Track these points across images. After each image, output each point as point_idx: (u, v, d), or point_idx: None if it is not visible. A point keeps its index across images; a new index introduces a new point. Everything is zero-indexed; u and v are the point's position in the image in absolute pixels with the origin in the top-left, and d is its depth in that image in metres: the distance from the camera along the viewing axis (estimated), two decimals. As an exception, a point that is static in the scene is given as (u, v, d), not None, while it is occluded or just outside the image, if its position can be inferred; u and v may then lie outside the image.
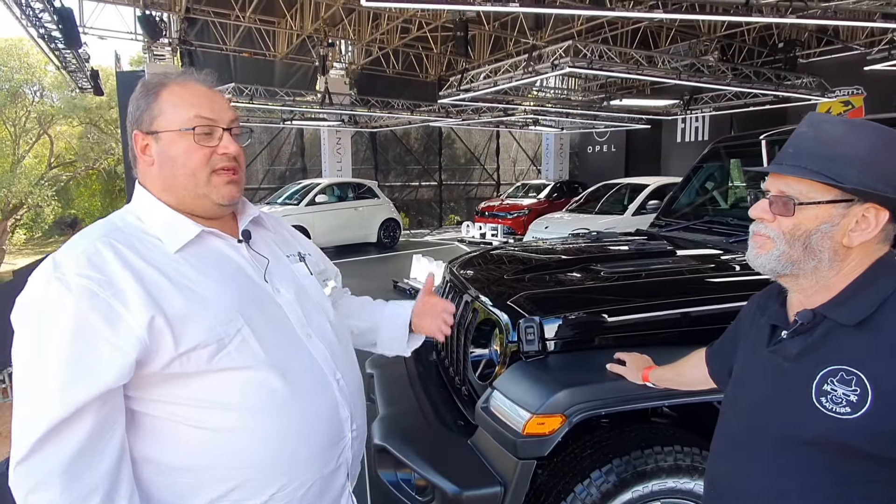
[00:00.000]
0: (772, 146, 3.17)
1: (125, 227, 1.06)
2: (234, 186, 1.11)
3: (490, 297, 2.23)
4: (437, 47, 14.49)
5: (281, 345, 1.08)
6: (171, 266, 1.03)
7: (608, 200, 10.46)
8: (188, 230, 1.07)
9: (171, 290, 0.99)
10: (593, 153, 19.43)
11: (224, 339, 1.01)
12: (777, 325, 1.05)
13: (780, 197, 0.97)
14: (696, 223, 3.12)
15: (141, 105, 1.09)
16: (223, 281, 1.06)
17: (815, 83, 10.62)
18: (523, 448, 1.70)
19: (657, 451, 1.74)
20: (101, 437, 0.94)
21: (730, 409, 1.12)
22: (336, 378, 1.16)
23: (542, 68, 8.23)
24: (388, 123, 16.15)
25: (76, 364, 0.91)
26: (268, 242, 1.23)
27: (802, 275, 0.98)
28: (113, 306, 0.94)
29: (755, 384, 1.05)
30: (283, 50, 13.35)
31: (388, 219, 13.10)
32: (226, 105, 1.11)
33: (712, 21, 11.35)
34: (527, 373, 1.85)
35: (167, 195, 1.09)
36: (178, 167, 1.07)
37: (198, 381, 1.00)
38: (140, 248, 1.02)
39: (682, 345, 1.77)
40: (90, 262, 0.96)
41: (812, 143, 0.96)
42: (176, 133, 1.06)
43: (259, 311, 1.08)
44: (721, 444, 1.12)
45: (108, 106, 24.23)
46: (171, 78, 1.10)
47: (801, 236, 0.95)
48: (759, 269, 1.02)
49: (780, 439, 0.99)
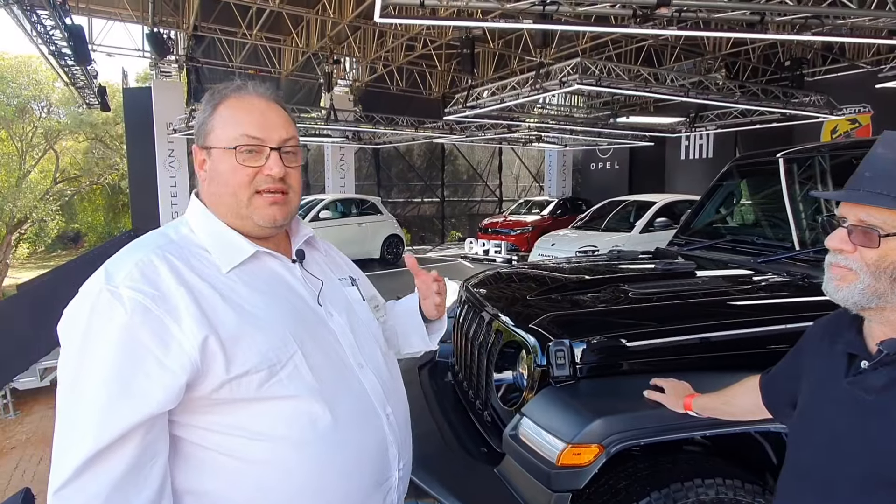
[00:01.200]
0: (789, 164, 3.12)
1: (180, 240, 1.01)
2: (278, 208, 1.05)
3: (514, 318, 2.15)
4: (441, 65, 14.58)
5: (332, 374, 1.01)
6: (224, 284, 0.97)
7: (615, 217, 10.39)
8: (243, 249, 1.02)
9: (225, 310, 0.93)
10: (596, 170, 19.43)
11: (276, 364, 0.95)
12: (855, 353, 0.97)
13: (860, 227, 0.89)
14: (720, 242, 3.04)
15: (199, 119, 1.05)
16: (276, 302, 1.01)
17: (823, 101, 10.60)
18: (558, 480, 1.61)
19: (698, 484, 1.64)
20: (145, 464, 0.87)
21: (801, 446, 1.04)
22: (386, 412, 1.08)
23: (550, 85, 8.22)
24: (392, 140, 16.19)
25: (123, 384, 0.85)
26: (320, 264, 1.17)
27: (890, 307, 0.91)
28: (166, 324, 0.88)
29: (832, 419, 0.97)
30: (289, 67, 13.43)
31: (391, 235, 13.06)
32: (280, 122, 1.05)
33: (717, 39, 11.40)
34: (558, 399, 1.76)
35: (220, 211, 1.05)
36: (222, 185, 1.03)
37: (245, 409, 0.94)
38: (194, 264, 0.97)
39: (724, 370, 1.70)
40: (144, 276, 0.91)
41: (892, 166, 0.89)
42: (223, 150, 1.02)
43: (312, 336, 1.02)
44: (793, 485, 1.03)
45: (114, 122, 24.38)
46: (231, 91, 1.05)
47: (887, 268, 0.88)
48: (840, 303, 0.95)
49: (863, 479, 0.91)
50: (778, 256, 2.52)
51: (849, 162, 2.98)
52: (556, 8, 5.19)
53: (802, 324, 1.86)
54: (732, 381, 1.48)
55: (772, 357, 1.35)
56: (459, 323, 2.72)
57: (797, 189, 3.01)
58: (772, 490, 1.71)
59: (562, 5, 5.20)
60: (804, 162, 3.09)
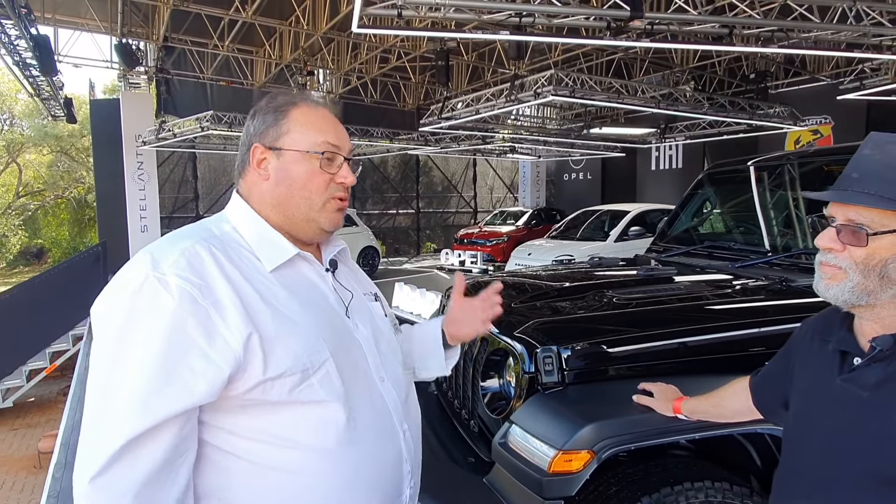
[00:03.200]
0: (760, 172, 3.21)
1: (222, 235, 1.00)
2: (342, 214, 1.10)
3: (500, 325, 2.14)
4: (415, 77, 14.62)
5: (358, 385, 1.01)
6: (264, 284, 0.96)
7: (589, 227, 10.53)
8: (285, 250, 1.02)
9: (265, 309, 0.92)
10: (570, 180, 19.66)
11: (309, 369, 0.94)
12: (847, 351, 0.99)
13: (848, 225, 0.91)
14: (697, 248, 3.10)
15: (268, 120, 1.05)
16: (311, 308, 1.00)
17: (787, 112, 10.93)
18: (549, 487, 1.60)
19: (687, 488, 1.65)
20: (177, 459, 0.86)
21: (797, 445, 1.05)
22: (403, 428, 1.08)
23: (525, 96, 8.31)
24: (367, 151, 16.16)
25: (166, 371, 0.83)
26: (348, 277, 1.17)
27: (881, 305, 0.92)
28: (211, 316, 0.87)
29: (828, 417, 0.98)
30: (262, 79, 13.32)
31: (367, 247, 13.02)
32: (347, 135, 1.09)
33: (685, 53, 11.68)
34: (548, 406, 1.76)
35: (275, 212, 1.05)
36: (297, 188, 1.03)
37: (274, 413, 0.92)
38: (236, 261, 0.96)
39: (711, 373, 1.71)
40: (191, 265, 0.89)
41: (879, 166, 0.91)
42: (301, 154, 1.03)
43: (341, 345, 1.02)
44: (791, 484, 1.04)
45: (81, 134, 23.82)
46: (303, 99, 1.08)
47: (876, 266, 0.90)
48: (830, 301, 0.96)
49: (863, 477, 0.91)
50: (755, 261, 2.57)
51: (816, 169, 3.08)
52: (531, 20, 5.27)
53: (783, 326, 1.90)
54: (720, 383, 1.50)
55: (756, 359, 1.38)
56: (443, 332, 2.70)
57: (768, 195, 3.09)
58: (758, 492, 1.73)
59: (537, 17, 5.28)
60: (774, 169, 3.17)
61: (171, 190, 15.37)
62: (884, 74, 9.05)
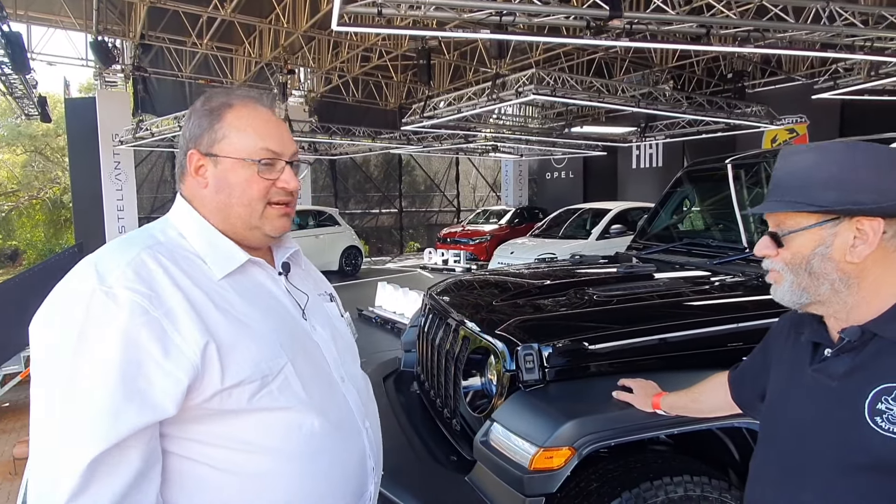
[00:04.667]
0: (737, 170, 3.25)
1: (168, 242, 0.97)
2: (287, 219, 1.06)
3: (481, 324, 2.15)
4: (397, 76, 14.59)
5: (320, 387, 1.00)
6: (216, 291, 0.94)
7: (571, 225, 10.58)
8: (236, 256, 0.99)
9: (219, 317, 0.90)
10: (552, 179, 19.76)
11: (268, 375, 0.92)
12: (819, 342, 1.02)
13: (773, 232, 1.00)
14: (675, 246, 3.13)
15: (203, 124, 1.00)
16: (266, 314, 0.98)
17: (764, 112, 11.11)
18: (531, 484, 1.60)
19: (667, 483, 1.67)
20: (148, 472, 0.84)
21: (772, 434, 1.07)
22: (366, 426, 1.09)
23: (506, 95, 8.33)
24: (349, 151, 16.08)
25: (124, 389, 0.81)
26: (302, 279, 1.15)
27: (825, 301, 0.97)
28: (164, 327, 0.84)
29: (799, 406, 1.01)
30: (242, 77, 13.17)
31: (349, 246, 12.96)
32: (290, 136, 1.05)
33: (664, 53, 11.80)
34: (529, 403, 1.76)
35: (217, 218, 1.01)
36: (235, 196, 1.00)
37: (236, 421, 0.91)
38: (185, 268, 0.93)
39: (690, 369, 1.73)
40: (138, 276, 0.86)
41: (786, 176, 0.99)
42: (238, 161, 0.99)
43: (300, 348, 1.00)
44: (764, 472, 1.06)
45: (55, 133, 23.36)
46: (238, 99, 1.03)
47: (801, 263, 0.96)
48: (783, 304, 1.02)
49: (833, 464, 0.94)
50: (732, 258, 2.61)
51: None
52: (512, 19, 5.28)
53: (759, 321, 1.93)
54: (698, 378, 1.51)
55: (734, 354, 1.39)
56: (424, 332, 2.70)
57: (745, 193, 3.14)
58: (736, 485, 1.75)
59: (518, 16, 5.30)
60: (751, 167, 3.22)
61: (149, 190, 15.13)
62: (856, 74, 9.23)
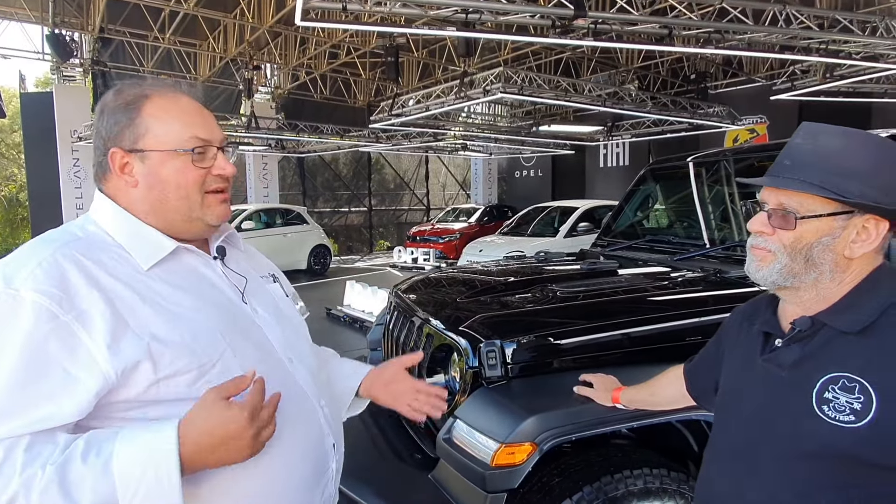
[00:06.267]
0: (699, 168, 3.32)
1: (87, 237, 0.94)
2: (227, 206, 1.05)
3: (445, 321, 2.14)
4: (365, 73, 14.46)
5: (265, 371, 0.96)
6: (143, 284, 0.91)
7: (540, 223, 10.68)
8: (162, 245, 0.96)
9: (145, 310, 0.88)
10: (521, 178, 19.89)
11: (206, 363, 0.90)
12: (770, 332, 1.03)
13: (779, 210, 0.95)
14: (638, 243, 3.18)
15: (121, 120, 0.96)
16: (201, 301, 0.96)
17: (725, 112, 11.37)
18: (493, 480, 1.61)
19: (626, 476, 1.69)
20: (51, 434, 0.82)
21: (724, 423, 1.09)
22: (321, 405, 1.07)
23: (475, 93, 8.35)
24: (317, 148, 15.90)
25: (26, 395, 0.78)
26: (241, 262, 1.12)
27: (804, 287, 0.96)
28: (74, 331, 0.81)
29: (750, 395, 1.02)
30: (206, 73, 12.90)
31: (318, 245, 12.82)
32: (215, 121, 1.02)
33: (630, 53, 11.99)
34: (491, 400, 1.77)
35: (152, 219, 0.98)
36: (171, 189, 0.97)
37: (172, 410, 0.87)
38: (107, 263, 0.90)
39: (650, 363, 1.75)
40: (49, 277, 0.83)
41: (810, 155, 0.95)
42: (168, 153, 0.95)
43: (241, 333, 0.98)
44: (717, 460, 1.08)
45: (11, 129, 22.53)
46: (153, 89, 0.98)
47: (802, 249, 0.94)
48: (759, 282, 1.00)
49: (781, 451, 0.95)
50: (692, 254, 2.66)
51: (750, 165, 3.21)
52: (478, 17, 5.28)
53: (716, 316, 1.97)
54: (657, 372, 1.53)
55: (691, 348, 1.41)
56: (390, 329, 2.68)
57: (706, 191, 3.20)
58: (695, 476, 1.78)
59: (484, 14, 5.31)
60: (712, 165, 3.28)
61: (110, 188, 14.71)
62: (812, 76, 9.50)
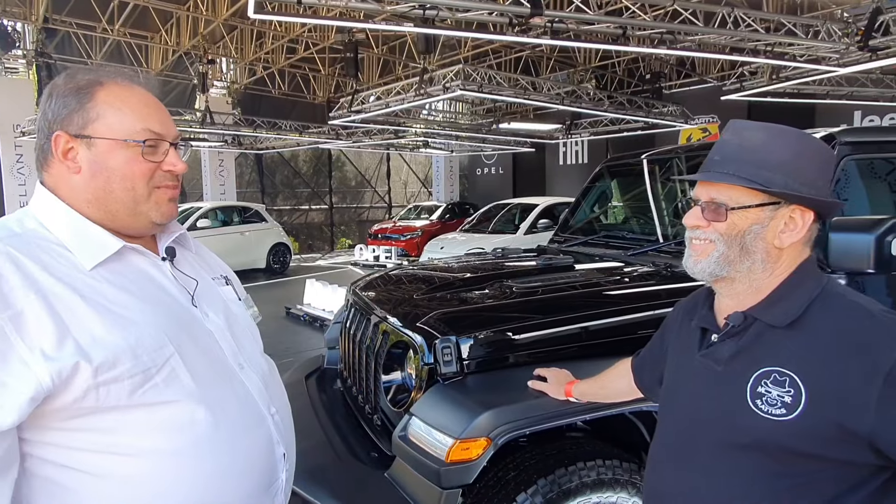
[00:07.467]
0: (652, 165, 3.39)
1: (25, 234, 0.89)
2: (174, 204, 1.01)
3: (401, 318, 2.13)
4: (324, 69, 14.29)
5: (213, 376, 0.94)
6: (85, 284, 0.86)
7: (500, 220, 10.77)
8: (107, 244, 0.92)
9: (86, 311, 0.83)
10: (482, 175, 20.00)
11: (151, 368, 0.86)
12: (707, 328, 1.06)
13: (711, 203, 0.98)
14: (594, 238, 3.23)
15: (70, 104, 0.92)
16: (147, 302, 0.92)
17: (679, 111, 11.70)
18: (447, 477, 1.60)
19: (580, 468, 1.71)
20: None
21: (665, 418, 1.11)
22: (271, 412, 1.04)
23: (434, 90, 8.35)
24: (276, 145, 15.63)
25: None
26: (191, 263, 1.09)
27: (739, 278, 0.99)
28: (6, 333, 0.77)
29: (688, 390, 1.05)
30: (158, 66, 12.51)
31: (277, 243, 12.60)
32: (170, 117, 0.99)
33: (588, 53, 12.19)
34: (446, 396, 1.76)
35: (93, 208, 0.93)
36: (116, 180, 0.93)
37: (116, 419, 0.84)
38: (45, 260, 0.85)
39: (603, 357, 1.78)
40: None
41: (737, 150, 0.98)
42: (117, 142, 0.92)
43: (189, 337, 0.94)
44: (659, 454, 1.10)
45: (-54, 123, 21.35)
46: (109, 77, 0.95)
47: (737, 236, 0.97)
48: (696, 276, 1.02)
49: (718, 445, 0.98)
50: (645, 249, 2.72)
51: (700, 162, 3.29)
52: (436, 13, 5.27)
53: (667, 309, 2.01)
54: (610, 365, 1.56)
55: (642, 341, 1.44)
56: (347, 327, 2.65)
57: (660, 187, 3.28)
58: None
59: (441, 10, 5.30)
60: (665, 162, 3.36)
61: (56, 185, 14.13)
62: (760, 77, 9.84)
